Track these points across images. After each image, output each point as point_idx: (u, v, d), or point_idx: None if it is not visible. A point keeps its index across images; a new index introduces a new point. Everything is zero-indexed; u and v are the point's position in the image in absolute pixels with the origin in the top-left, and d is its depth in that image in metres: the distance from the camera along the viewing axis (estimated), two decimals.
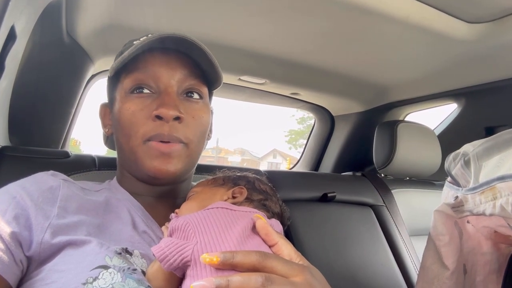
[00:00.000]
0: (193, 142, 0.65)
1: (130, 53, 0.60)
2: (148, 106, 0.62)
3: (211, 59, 0.64)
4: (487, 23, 0.95)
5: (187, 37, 0.61)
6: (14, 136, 0.96)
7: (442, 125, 1.58)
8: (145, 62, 0.63)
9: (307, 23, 0.97)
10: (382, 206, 1.29)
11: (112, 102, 0.69)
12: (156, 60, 0.64)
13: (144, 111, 0.62)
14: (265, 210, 0.62)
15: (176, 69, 0.65)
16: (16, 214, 0.51)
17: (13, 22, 0.70)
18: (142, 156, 0.62)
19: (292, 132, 16.78)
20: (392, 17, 0.90)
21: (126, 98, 0.64)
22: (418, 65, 1.22)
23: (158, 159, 0.61)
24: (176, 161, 0.62)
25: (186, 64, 0.66)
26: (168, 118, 0.60)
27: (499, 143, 0.56)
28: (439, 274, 0.61)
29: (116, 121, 0.66)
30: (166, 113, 0.60)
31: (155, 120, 0.61)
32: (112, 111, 0.68)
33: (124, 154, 0.66)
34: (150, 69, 0.63)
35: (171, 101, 0.61)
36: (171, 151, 0.61)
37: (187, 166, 0.66)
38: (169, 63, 0.64)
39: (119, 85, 0.66)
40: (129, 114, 0.62)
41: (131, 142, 0.63)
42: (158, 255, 0.45)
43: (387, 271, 1.13)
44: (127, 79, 0.64)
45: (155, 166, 0.61)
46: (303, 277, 0.42)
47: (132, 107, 0.63)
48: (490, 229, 0.57)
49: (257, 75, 1.41)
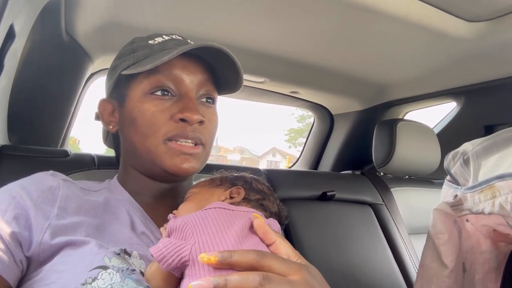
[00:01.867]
0: (208, 143, 0.68)
1: (167, 57, 0.60)
2: (169, 108, 0.64)
3: (239, 70, 0.67)
4: (487, 21, 0.95)
5: (224, 49, 0.63)
6: (13, 134, 0.96)
7: (442, 123, 1.58)
8: (166, 65, 0.63)
9: (306, 21, 0.97)
10: (381, 205, 1.29)
11: (122, 99, 0.68)
12: (178, 63, 0.65)
13: (165, 113, 0.63)
14: (263, 209, 0.62)
15: (196, 73, 0.67)
16: (16, 214, 0.52)
17: (12, 20, 0.70)
18: (161, 155, 0.63)
19: (292, 131, 16.80)
20: (392, 15, 0.90)
21: (144, 99, 0.64)
22: (418, 63, 1.22)
23: (179, 157, 0.63)
24: (195, 161, 0.65)
25: (204, 70, 0.68)
26: (193, 122, 0.63)
27: (498, 141, 0.56)
28: (438, 273, 0.61)
29: (130, 120, 0.66)
30: (191, 117, 0.62)
31: (178, 122, 0.63)
32: (123, 109, 0.68)
33: (138, 153, 0.66)
34: (172, 72, 0.65)
35: (194, 105, 0.64)
36: (192, 153, 0.64)
37: (202, 165, 0.68)
38: (190, 68, 0.66)
39: (134, 84, 0.66)
40: (149, 114, 0.63)
41: (149, 142, 0.63)
42: (156, 255, 0.45)
43: (386, 270, 1.13)
44: (146, 80, 0.64)
45: (176, 164, 0.63)
46: (301, 275, 0.42)
47: (152, 108, 0.63)
48: (489, 227, 0.58)
49: (256, 74, 1.41)
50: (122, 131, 0.70)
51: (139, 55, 0.65)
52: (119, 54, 0.72)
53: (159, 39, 0.68)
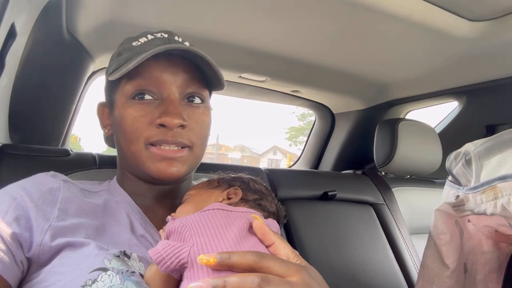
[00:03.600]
0: (196, 146, 0.65)
1: (134, 62, 0.59)
2: (151, 112, 0.62)
3: (216, 70, 0.64)
4: (489, 21, 0.95)
5: (194, 50, 0.61)
6: (15, 133, 0.96)
7: (443, 123, 1.57)
8: (147, 68, 0.62)
9: (308, 20, 0.97)
10: (382, 205, 1.29)
11: (111, 104, 0.68)
12: (159, 65, 0.63)
13: (147, 117, 0.62)
14: (261, 209, 0.62)
15: (178, 74, 0.64)
16: (17, 215, 0.52)
17: (13, 19, 0.70)
18: (144, 160, 0.62)
19: (293, 129, 16.81)
20: (394, 14, 0.89)
21: (127, 104, 0.63)
22: (420, 63, 1.22)
23: (162, 162, 0.61)
24: (181, 165, 0.63)
25: (187, 68, 0.65)
26: (173, 126, 0.61)
27: (500, 142, 0.56)
28: (440, 273, 0.61)
29: (117, 125, 0.65)
30: (170, 122, 0.60)
31: (158, 127, 0.61)
32: (112, 114, 0.68)
33: (126, 157, 0.66)
34: (153, 75, 0.63)
35: (174, 109, 0.61)
36: (175, 157, 0.62)
37: (191, 168, 0.66)
38: (171, 69, 0.64)
39: (119, 89, 0.65)
40: (131, 119, 0.62)
41: (133, 147, 0.62)
42: (155, 257, 0.45)
43: (388, 270, 1.13)
44: (128, 85, 0.63)
45: (159, 169, 0.61)
46: (300, 277, 0.42)
47: (134, 113, 0.62)
48: (490, 228, 0.58)
49: (257, 73, 1.41)
50: (114, 135, 0.69)
51: (121, 59, 0.64)
52: (111, 56, 0.71)
53: (143, 40, 0.66)
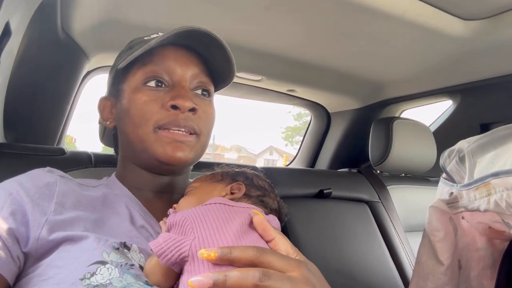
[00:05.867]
0: (203, 134, 0.67)
1: (151, 45, 0.61)
2: (161, 97, 0.64)
3: (229, 54, 0.66)
4: (483, 20, 0.95)
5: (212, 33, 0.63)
6: (9, 133, 0.95)
7: (438, 121, 1.58)
8: (160, 56, 0.65)
9: (303, 19, 0.97)
10: (377, 202, 1.29)
11: (118, 94, 0.69)
12: (171, 54, 0.66)
13: (157, 101, 0.63)
14: (263, 206, 0.62)
15: (189, 65, 0.67)
16: (12, 210, 0.51)
17: (8, 18, 0.69)
18: (152, 143, 0.62)
19: (289, 129, 16.84)
20: (388, 13, 0.90)
21: (137, 89, 0.65)
22: (414, 62, 1.23)
23: (170, 145, 0.62)
24: (188, 150, 0.64)
25: (198, 62, 0.68)
26: (185, 108, 0.62)
27: (494, 139, 0.56)
28: (434, 270, 0.62)
29: (124, 112, 0.66)
30: (182, 104, 0.62)
31: (169, 109, 0.62)
32: (119, 103, 0.69)
33: (132, 144, 0.66)
34: (165, 63, 0.65)
35: (186, 93, 0.64)
36: (184, 140, 0.63)
37: (196, 156, 0.67)
38: (183, 59, 0.67)
39: (129, 77, 0.67)
40: (141, 103, 0.63)
41: (140, 130, 0.63)
42: (156, 250, 0.45)
43: (383, 267, 1.14)
44: (140, 71, 0.65)
45: (166, 152, 0.62)
46: (300, 272, 0.43)
47: (144, 97, 0.64)
48: (484, 224, 0.58)
49: (253, 72, 1.41)
50: (118, 125, 0.70)
51: (134, 51, 0.66)
52: (119, 54, 0.73)
53: (154, 36, 0.69)
